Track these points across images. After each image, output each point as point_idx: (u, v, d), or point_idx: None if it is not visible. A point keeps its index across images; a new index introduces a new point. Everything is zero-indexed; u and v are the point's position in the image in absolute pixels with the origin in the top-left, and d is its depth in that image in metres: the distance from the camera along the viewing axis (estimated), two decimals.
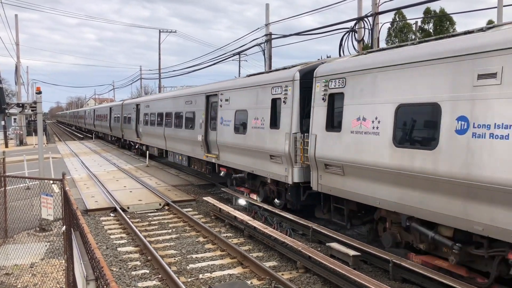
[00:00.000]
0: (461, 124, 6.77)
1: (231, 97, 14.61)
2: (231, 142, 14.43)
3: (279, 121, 11.84)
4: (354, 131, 9.04)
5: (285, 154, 11.38)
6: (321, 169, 10.17)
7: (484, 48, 6.49)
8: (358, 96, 9.04)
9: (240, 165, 14.14)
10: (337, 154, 9.51)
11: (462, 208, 6.80)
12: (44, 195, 8.40)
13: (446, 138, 6.95)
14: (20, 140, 43.94)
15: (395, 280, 7.97)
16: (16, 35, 42.02)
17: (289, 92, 11.41)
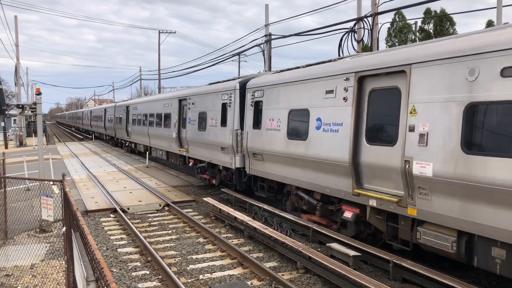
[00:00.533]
0: (318, 123, 10.30)
1: (196, 101, 17.83)
2: (196, 138, 17.63)
3: (226, 121, 15.04)
4: (268, 129, 12.55)
5: (230, 146, 14.57)
6: (251, 157, 13.64)
7: (329, 73, 9.99)
8: (270, 103, 12.56)
9: (202, 156, 17.28)
10: (259, 145, 13.00)
11: (320, 178, 10.28)
12: (44, 196, 8.41)
13: (311, 132, 10.44)
14: (20, 141, 43.94)
15: (395, 280, 7.97)
16: (15, 36, 42.08)
17: (232, 98, 14.69)
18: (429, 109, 7.35)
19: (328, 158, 9.80)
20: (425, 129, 7.38)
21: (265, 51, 25.85)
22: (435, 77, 7.33)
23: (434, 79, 7.35)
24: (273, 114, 12.27)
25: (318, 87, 10.30)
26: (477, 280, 8.05)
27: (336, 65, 10.05)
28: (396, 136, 7.98)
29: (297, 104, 11.16)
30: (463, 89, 6.82)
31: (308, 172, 10.67)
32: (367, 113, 8.87)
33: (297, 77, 11.34)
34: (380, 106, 8.61)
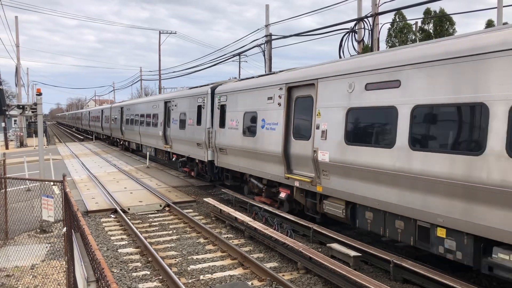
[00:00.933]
0: (263, 123, 12.80)
1: (178, 103, 20.47)
2: (178, 135, 20.34)
3: (201, 120, 17.60)
4: (230, 128, 15.04)
5: (203, 142, 17.12)
6: (218, 151, 16.13)
7: (270, 84, 12.55)
8: (231, 107, 15.06)
9: (183, 152, 20.09)
10: (224, 142, 15.48)
11: (265, 167, 12.84)
12: (44, 196, 8.41)
13: (259, 130, 12.99)
14: (20, 141, 43.97)
15: (395, 281, 7.97)
16: (16, 37, 42.10)
17: (205, 101, 17.25)
18: (327, 112, 9.96)
19: (269, 151, 12.38)
20: (325, 127, 10.04)
21: (265, 52, 25.85)
22: (331, 88, 9.94)
23: (330, 90, 9.96)
24: (233, 115, 14.97)
25: (263, 94, 12.90)
26: (478, 280, 8.05)
27: (275, 77, 12.53)
28: (310, 133, 10.54)
29: (249, 108, 13.79)
30: (345, 98, 9.47)
31: (257, 163, 13.33)
32: (293, 115, 11.45)
33: (250, 86, 13.99)
34: (301, 110, 11.14)
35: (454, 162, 6.89)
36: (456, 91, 6.93)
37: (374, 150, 8.49)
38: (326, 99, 9.95)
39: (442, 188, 7.08)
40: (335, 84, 9.83)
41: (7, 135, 42.90)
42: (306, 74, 10.86)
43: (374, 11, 17.78)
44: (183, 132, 19.54)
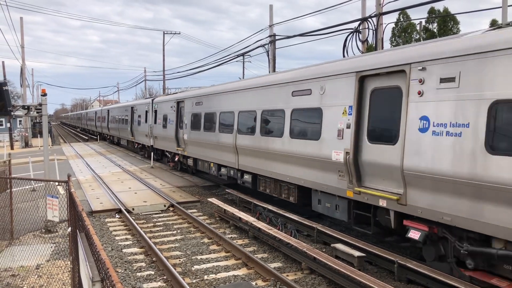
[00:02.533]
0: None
1: (162, 106, 24.37)
2: (160, 134, 24.57)
3: (146, 120, 26.66)
4: (162, 125, 22.47)
5: (173, 138, 21.83)
6: (187, 145, 19.62)
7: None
8: (160, 112, 21.70)
9: (162, 146, 24.69)
10: (190, 137, 19.20)
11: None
12: (49, 196, 8.44)
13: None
14: (25, 142, 44.14)
15: (400, 281, 7.95)
16: (21, 38, 42.23)
17: (174, 107, 21.86)
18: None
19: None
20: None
21: (269, 52, 25.84)
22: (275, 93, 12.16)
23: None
24: (162, 116, 23.27)
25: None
26: (482, 281, 8.00)
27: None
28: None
29: (167, 113, 22.19)
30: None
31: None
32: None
33: (167, 99, 21.77)
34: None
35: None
36: None
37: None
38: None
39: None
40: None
41: (13, 135, 43.09)
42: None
43: (378, 11, 17.74)
44: (164, 131, 23.66)
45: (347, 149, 9.06)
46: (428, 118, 7.36)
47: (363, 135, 8.80)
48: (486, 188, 6.35)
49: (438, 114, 7.14)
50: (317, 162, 10.19)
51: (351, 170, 8.96)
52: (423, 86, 7.50)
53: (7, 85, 14.42)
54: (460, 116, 6.77)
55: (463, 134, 6.71)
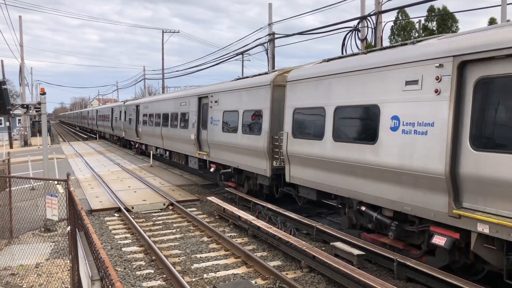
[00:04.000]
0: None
1: (129, 108, 30.43)
2: (127, 128, 31.82)
3: (138, 120, 29.76)
4: (144, 123, 27.65)
5: (133, 131, 30.32)
6: (141, 135, 26.89)
7: (157, 99, 22.58)
8: (144, 110, 27.20)
9: (129, 137, 30.69)
10: (143, 130, 26.95)
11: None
12: (49, 195, 8.43)
13: (154, 123, 22.85)
14: (24, 141, 44.12)
15: (399, 279, 7.96)
16: (20, 37, 42.18)
17: (134, 109, 30.32)
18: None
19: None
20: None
21: (268, 50, 25.83)
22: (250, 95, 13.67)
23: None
24: (148, 117, 26.53)
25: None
26: (481, 279, 8.02)
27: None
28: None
29: (131, 113, 28.85)
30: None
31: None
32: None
33: (131, 103, 27.84)
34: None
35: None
36: None
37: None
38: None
39: None
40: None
41: (12, 134, 43.05)
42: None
43: (378, 9, 17.73)
44: (153, 129, 26.88)
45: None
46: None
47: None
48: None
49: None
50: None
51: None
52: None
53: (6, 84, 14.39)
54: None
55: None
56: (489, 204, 6.54)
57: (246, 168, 13.95)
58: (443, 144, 7.07)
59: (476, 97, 6.68)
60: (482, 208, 6.65)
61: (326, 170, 10.12)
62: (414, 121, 7.68)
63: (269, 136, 12.50)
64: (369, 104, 8.75)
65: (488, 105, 6.58)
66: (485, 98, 6.59)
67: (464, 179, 6.82)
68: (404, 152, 7.82)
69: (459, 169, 6.88)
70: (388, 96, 8.29)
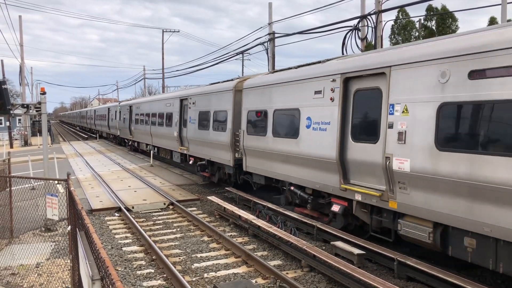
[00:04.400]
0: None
1: (141, 106, 29.72)
2: (121, 126, 35.90)
3: (131, 118, 32.79)
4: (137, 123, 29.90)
5: (123, 128, 36.67)
6: (153, 137, 25.96)
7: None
8: (136, 111, 30.69)
9: (142, 139, 29.40)
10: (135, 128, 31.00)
11: (148, 140, 27.72)
12: (49, 195, 8.44)
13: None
14: (24, 140, 44.13)
15: (400, 279, 7.96)
16: (20, 36, 42.17)
17: (128, 109, 34.50)
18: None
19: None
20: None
21: (268, 50, 25.82)
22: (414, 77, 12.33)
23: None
24: (139, 116, 29.32)
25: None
26: (482, 278, 8.03)
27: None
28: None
29: (125, 112, 32.69)
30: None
31: (161, 140, 22.95)
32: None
33: (120, 105, 34.54)
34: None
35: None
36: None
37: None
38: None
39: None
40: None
41: (12, 134, 43.06)
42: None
43: (378, 8, 17.73)
44: (146, 128, 30.05)
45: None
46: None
47: None
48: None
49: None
50: None
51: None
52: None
53: (6, 84, 14.39)
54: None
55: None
56: (362, 180, 9.14)
57: (216, 160, 16.34)
58: (335, 138, 9.67)
59: (354, 103, 9.36)
60: (358, 182, 9.23)
61: (269, 159, 12.67)
62: (319, 121, 10.35)
63: (232, 132, 14.83)
64: (294, 108, 11.42)
65: (360, 109, 9.22)
66: (358, 104, 9.27)
67: (348, 162, 9.45)
68: (314, 144, 10.48)
69: (345, 155, 9.48)
70: (305, 102, 10.95)
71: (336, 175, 9.72)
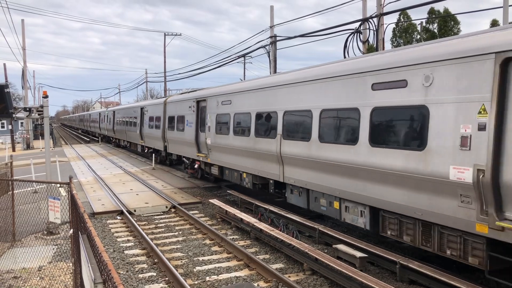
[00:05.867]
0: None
1: (120, 112, 37.82)
2: (109, 128, 44.44)
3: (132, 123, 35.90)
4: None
5: (111, 130, 44.80)
6: (127, 135, 34.73)
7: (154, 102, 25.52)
8: (118, 116, 39.03)
9: (121, 137, 36.95)
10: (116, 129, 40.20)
11: (137, 139, 31.05)
12: (51, 198, 8.45)
13: (138, 125, 28.68)
14: (27, 144, 44.20)
15: (402, 282, 7.94)
16: (22, 40, 42.27)
17: (111, 114, 44.07)
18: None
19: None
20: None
21: (270, 53, 25.86)
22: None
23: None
24: (119, 120, 37.71)
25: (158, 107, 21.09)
26: (485, 281, 8.00)
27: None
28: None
29: (110, 117, 41.44)
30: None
31: (154, 141, 24.93)
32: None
33: (122, 108, 38.65)
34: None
35: None
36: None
37: None
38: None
39: None
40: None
41: (14, 137, 43.14)
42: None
43: (379, 11, 17.74)
44: (102, 125, 44.53)
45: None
46: (148, 120, 28.87)
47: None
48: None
49: (147, 119, 28.55)
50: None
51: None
52: (148, 112, 29.49)
53: (8, 87, 14.43)
54: (150, 119, 25.93)
55: (148, 124, 28.15)
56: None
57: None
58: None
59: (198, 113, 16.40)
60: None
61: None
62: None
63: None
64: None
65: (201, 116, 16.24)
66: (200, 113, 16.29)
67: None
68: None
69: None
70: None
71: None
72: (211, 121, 16.44)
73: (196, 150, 18.43)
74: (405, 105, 7.70)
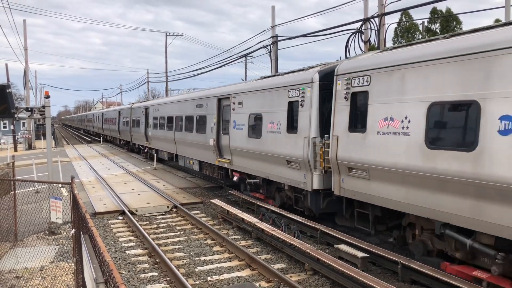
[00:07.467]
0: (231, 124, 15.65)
1: (107, 113, 47.28)
2: (107, 128, 47.49)
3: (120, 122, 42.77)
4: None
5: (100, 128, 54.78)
6: (112, 133, 45.52)
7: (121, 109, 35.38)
8: (106, 116, 49.24)
9: (108, 134, 47.36)
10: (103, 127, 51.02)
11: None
12: (53, 198, 8.47)
13: (121, 125, 38.55)
14: (29, 144, 44.28)
15: (404, 282, 7.93)
16: (24, 40, 42.34)
17: (100, 116, 54.84)
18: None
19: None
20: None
21: (271, 53, 25.87)
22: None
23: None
24: (107, 119, 47.75)
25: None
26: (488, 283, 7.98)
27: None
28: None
29: (111, 117, 45.81)
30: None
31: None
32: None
33: (108, 110, 49.87)
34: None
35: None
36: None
37: None
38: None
39: None
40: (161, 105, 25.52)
41: (16, 137, 43.22)
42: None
43: (381, 11, 17.74)
44: (94, 124, 57.75)
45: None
46: (153, 120, 28.08)
47: None
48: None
49: (154, 120, 28.05)
50: None
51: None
52: (154, 112, 28.69)
53: (10, 87, 14.46)
54: (155, 120, 26.51)
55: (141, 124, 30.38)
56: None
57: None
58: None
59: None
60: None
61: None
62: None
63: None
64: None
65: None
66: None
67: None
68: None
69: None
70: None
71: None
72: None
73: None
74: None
